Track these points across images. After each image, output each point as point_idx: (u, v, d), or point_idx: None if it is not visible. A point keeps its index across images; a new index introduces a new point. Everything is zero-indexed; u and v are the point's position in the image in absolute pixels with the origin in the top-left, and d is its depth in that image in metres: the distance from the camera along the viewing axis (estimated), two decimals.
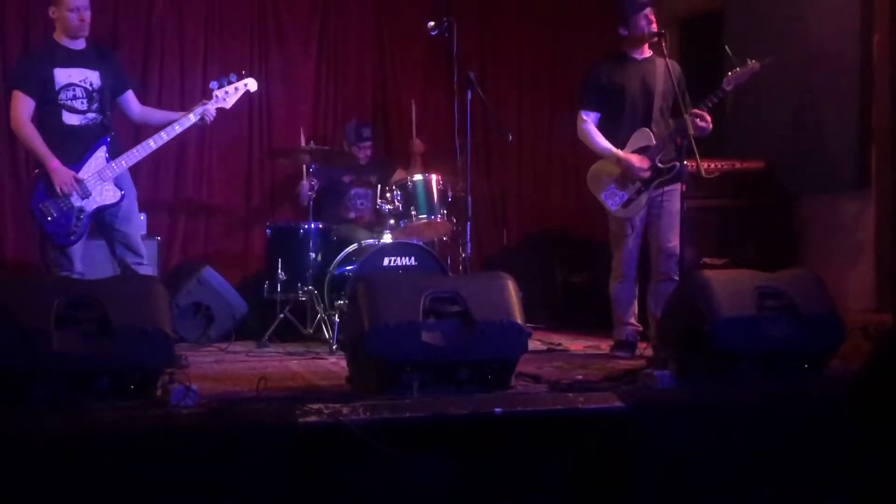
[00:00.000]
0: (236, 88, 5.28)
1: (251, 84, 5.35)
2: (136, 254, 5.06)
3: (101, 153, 4.96)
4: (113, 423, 3.26)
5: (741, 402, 3.92)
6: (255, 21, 7.27)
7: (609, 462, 3.70)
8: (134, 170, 6.59)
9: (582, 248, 7.61)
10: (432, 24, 5.64)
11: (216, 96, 5.22)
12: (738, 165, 6.42)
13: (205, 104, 5.17)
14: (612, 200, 5.35)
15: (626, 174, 5.28)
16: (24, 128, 4.87)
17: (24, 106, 4.88)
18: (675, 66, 5.33)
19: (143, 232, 6.43)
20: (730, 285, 4.19)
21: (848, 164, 6.20)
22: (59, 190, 4.82)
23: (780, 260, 5.85)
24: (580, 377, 4.37)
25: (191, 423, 3.31)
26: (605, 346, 5.73)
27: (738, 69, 5.16)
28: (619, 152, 5.28)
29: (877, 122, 6.09)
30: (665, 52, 5.24)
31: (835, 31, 6.29)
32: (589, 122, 5.40)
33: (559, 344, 5.88)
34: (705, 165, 5.32)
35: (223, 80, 5.27)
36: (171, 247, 6.92)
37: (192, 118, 5.12)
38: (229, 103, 5.28)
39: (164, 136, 5.07)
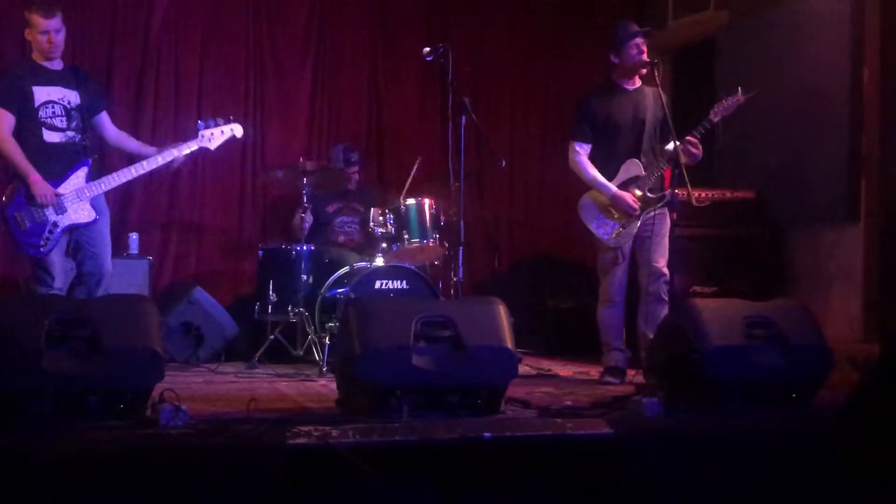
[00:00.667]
0: (222, 132, 5.42)
1: (237, 130, 5.48)
2: (101, 277, 5.16)
3: (82, 173, 5.07)
4: (102, 443, 3.24)
5: (729, 430, 3.93)
6: (250, 44, 7.30)
7: (597, 488, 3.70)
8: (127, 190, 6.70)
9: (572, 273, 7.63)
10: (427, 50, 5.69)
11: (202, 136, 5.34)
12: (728, 195, 6.47)
13: (179, 147, 5.26)
14: (603, 230, 5.39)
15: (610, 209, 5.33)
16: (6, 142, 4.96)
17: (4, 121, 4.97)
18: (662, 96, 5.38)
19: (135, 252, 6.48)
20: (719, 314, 4.22)
21: (838, 196, 6.25)
22: (38, 199, 4.90)
23: (768, 289, 5.88)
24: (569, 403, 4.39)
25: (180, 443, 3.31)
26: (594, 371, 5.74)
27: (723, 101, 5.22)
28: (613, 188, 5.33)
29: (867, 153, 6.14)
30: (657, 81, 5.29)
31: (826, 64, 6.35)
32: (582, 154, 5.45)
33: (549, 369, 5.89)
34: (696, 194, 5.36)
35: (210, 122, 5.39)
36: (162, 267, 6.92)
37: (160, 160, 5.22)
38: (213, 145, 5.40)
39: (144, 167, 5.18)
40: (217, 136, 5.39)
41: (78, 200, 5.03)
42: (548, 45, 8.16)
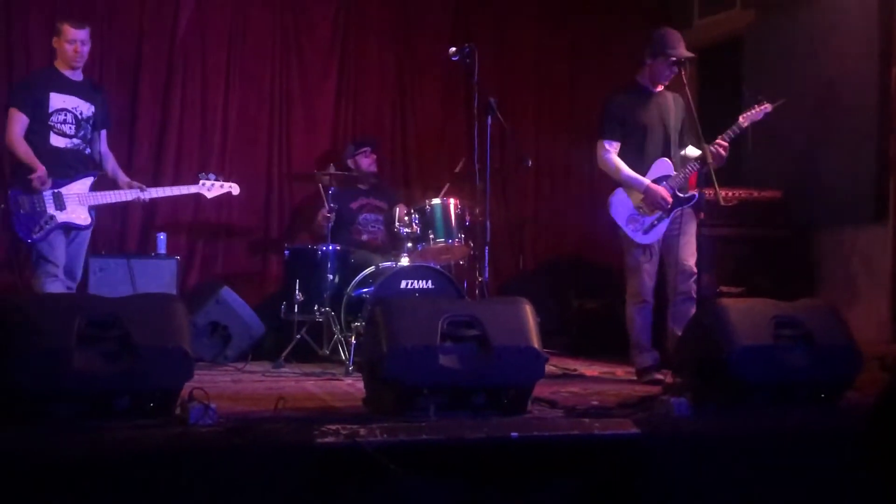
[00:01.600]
0: (221, 186, 5.92)
1: (234, 189, 5.97)
2: (74, 279, 5.48)
3: (88, 182, 5.41)
4: (132, 442, 3.27)
5: (756, 431, 3.92)
6: (276, 46, 7.33)
7: (623, 488, 3.70)
8: None
9: (598, 274, 7.61)
10: (454, 50, 5.70)
11: (202, 183, 5.85)
12: (755, 194, 6.44)
13: (179, 188, 5.87)
14: (633, 227, 5.40)
15: (648, 203, 5.32)
16: (18, 144, 5.26)
17: (18, 123, 5.28)
18: (683, 99, 5.41)
19: (163, 252, 6.51)
20: (747, 314, 4.20)
21: (865, 195, 6.20)
22: (34, 181, 5.13)
23: (795, 290, 5.84)
24: (596, 403, 4.38)
25: (209, 441, 3.33)
26: (620, 371, 5.73)
27: (752, 108, 5.31)
28: (647, 182, 5.35)
29: (895, 154, 6.09)
30: (685, 81, 5.29)
31: (853, 62, 6.31)
32: (612, 151, 5.45)
33: (575, 369, 5.88)
34: (723, 193, 5.37)
35: (211, 176, 5.90)
36: (189, 267, 6.96)
37: (127, 197, 5.59)
38: (210, 195, 5.91)
39: (142, 196, 5.59)
40: (216, 188, 5.89)
41: (78, 204, 5.33)
42: (573, 45, 8.15)
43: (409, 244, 6.03)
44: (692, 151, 5.51)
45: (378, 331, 3.88)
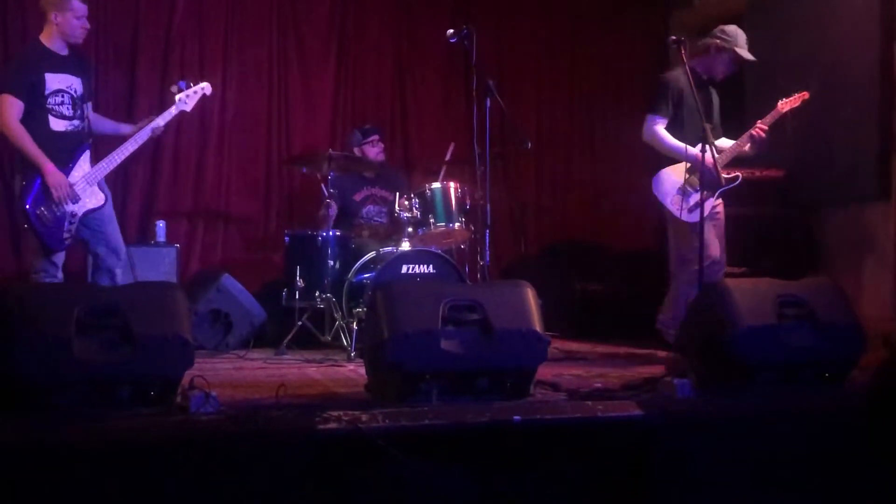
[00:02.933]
0: (195, 92, 5.54)
1: (207, 88, 5.61)
2: (118, 256, 5.25)
3: (86, 158, 5.12)
4: (133, 431, 3.26)
5: (761, 411, 3.90)
6: (274, 31, 7.30)
7: (628, 470, 3.69)
8: (154, 178, 6.76)
9: (600, 256, 7.61)
10: (452, 31, 5.65)
11: (179, 100, 5.47)
12: (757, 174, 6.40)
13: (162, 116, 5.38)
14: (676, 206, 5.36)
15: (693, 180, 5.28)
16: (15, 130, 4.95)
17: (13, 108, 4.96)
18: (689, 74, 5.38)
19: (163, 239, 6.50)
20: (750, 294, 4.18)
21: (868, 174, 6.17)
22: (54, 195, 4.92)
23: (799, 269, 5.81)
24: (599, 385, 4.37)
25: (211, 429, 3.31)
26: (623, 353, 5.72)
27: (791, 96, 5.41)
28: (696, 151, 5.21)
29: None
30: (684, 58, 5.25)
31: (855, 38, 6.27)
32: (662, 125, 5.43)
33: (578, 352, 5.86)
34: (725, 173, 5.35)
35: (182, 84, 5.53)
36: (189, 255, 6.96)
37: (149, 133, 5.32)
38: (189, 107, 5.54)
39: (136, 141, 5.26)
40: (192, 96, 5.52)
41: (88, 186, 5.09)
42: (574, 28, 8.11)
43: (410, 229, 6.01)
44: (724, 143, 5.51)
45: (379, 316, 3.86)
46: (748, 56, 5.46)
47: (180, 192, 6.97)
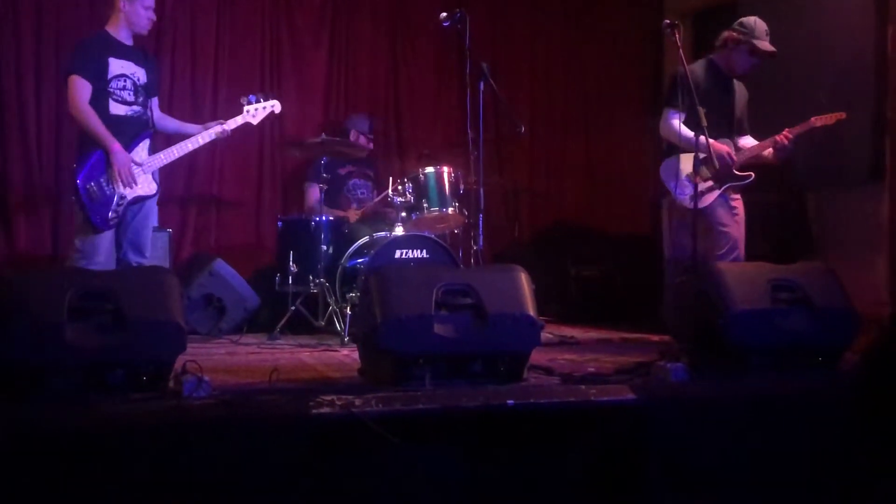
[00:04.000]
0: (264, 108, 5.62)
1: (277, 106, 5.68)
2: (142, 254, 5.22)
3: (145, 145, 5.17)
4: (125, 415, 3.25)
5: (754, 395, 3.91)
6: (266, 13, 7.26)
7: (621, 454, 3.69)
8: None
9: (594, 241, 7.60)
10: (445, 15, 5.64)
11: (246, 111, 5.55)
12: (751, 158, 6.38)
13: (227, 123, 5.46)
14: (681, 191, 5.32)
15: (703, 171, 5.23)
16: (85, 111, 5.00)
17: (83, 90, 5.02)
18: (682, 58, 5.34)
19: (155, 224, 6.47)
20: (743, 278, 4.18)
21: (862, 158, 6.17)
22: (116, 173, 4.95)
23: (792, 253, 5.82)
24: (592, 369, 4.37)
25: (203, 414, 3.30)
26: (617, 338, 5.72)
27: (826, 114, 5.33)
28: (711, 140, 5.12)
29: (891, 115, 6.06)
30: (679, 44, 5.23)
31: (849, 23, 6.26)
32: (676, 119, 5.31)
33: (571, 337, 5.87)
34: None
35: (252, 98, 5.61)
36: (182, 239, 6.93)
37: (213, 135, 5.38)
38: (256, 120, 5.61)
39: (199, 141, 5.34)
40: (260, 111, 5.60)
41: (143, 173, 5.10)
42: (568, 12, 8.09)
43: (404, 213, 5.99)
44: (747, 142, 5.49)
45: (372, 301, 3.85)
46: (767, 47, 5.36)
47: (173, 177, 6.91)
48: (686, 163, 5.35)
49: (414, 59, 7.69)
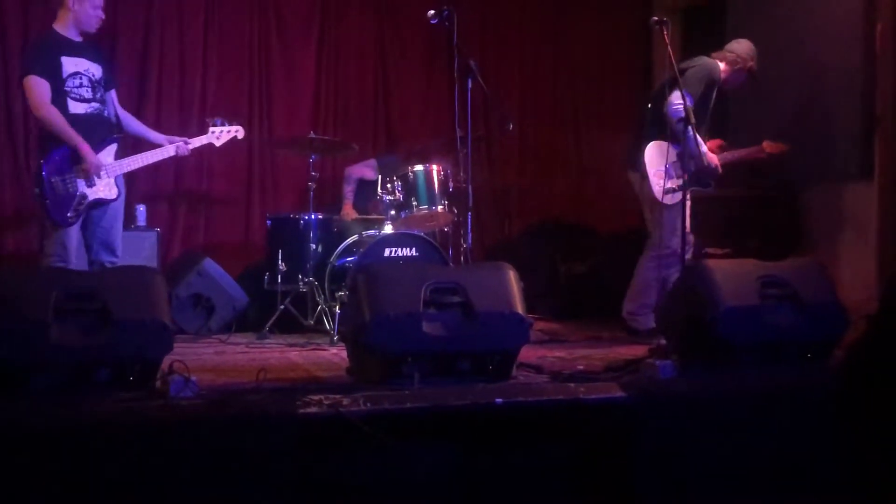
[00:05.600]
0: (228, 132, 5.67)
1: (240, 132, 5.74)
2: (113, 253, 5.20)
3: (112, 150, 5.12)
4: (112, 415, 3.24)
5: (743, 392, 3.91)
6: (255, 12, 7.23)
7: (611, 452, 3.69)
8: None
9: (583, 238, 7.59)
10: (433, 12, 5.60)
11: (211, 132, 5.61)
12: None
13: (191, 141, 5.48)
14: (657, 182, 5.39)
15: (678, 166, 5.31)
16: (48, 109, 4.93)
17: (42, 89, 4.94)
18: (671, 56, 5.38)
19: (143, 224, 6.46)
20: (732, 275, 4.18)
21: (852, 153, 6.17)
22: (88, 170, 4.92)
23: (782, 249, 5.82)
24: (582, 367, 4.35)
25: (190, 414, 3.29)
26: (606, 335, 5.71)
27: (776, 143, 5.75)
28: (705, 147, 5.46)
29: (881, 111, 6.06)
30: (667, 40, 5.21)
31: (838, 19, 6.25)
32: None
33: (561, 334, 5.85)
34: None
35: (217, 121, 5.66)
36: (171, 238, 6.91)
37: (175, 151, 5.40)
38: (219, 143, 5.66)
39: (161, 154, 5.36)
40: (224, 134, 5.64)
41: (107, 176, 5.06)
42: (558, 8, 8.07)
43: (393, 212, 5.98)
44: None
45: (361, 299, 3.84)
46: (753, 67, 5.65)
47: (161, 176, 6.91)
48: (672, 153, 5.37)
49: (403, 57, 7.67)
